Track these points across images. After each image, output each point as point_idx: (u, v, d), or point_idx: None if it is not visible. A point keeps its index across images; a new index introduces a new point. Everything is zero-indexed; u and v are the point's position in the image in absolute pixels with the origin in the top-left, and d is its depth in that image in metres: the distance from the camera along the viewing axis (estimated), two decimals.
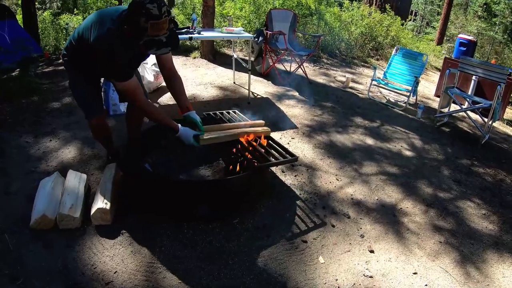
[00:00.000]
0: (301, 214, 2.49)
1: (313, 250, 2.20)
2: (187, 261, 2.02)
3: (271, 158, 2.40)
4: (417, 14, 18.25)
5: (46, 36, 5.83)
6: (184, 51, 6.04)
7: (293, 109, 4.22)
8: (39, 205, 2.14)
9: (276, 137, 3.16)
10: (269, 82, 5.09)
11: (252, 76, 4.79)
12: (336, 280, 2.01)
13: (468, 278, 2.14)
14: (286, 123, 3.84)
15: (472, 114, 4.53)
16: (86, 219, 2.21)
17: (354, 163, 3.22)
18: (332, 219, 2.48)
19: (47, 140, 3.10)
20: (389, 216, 2.59)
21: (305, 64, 5.74)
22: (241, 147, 2.50)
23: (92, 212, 2.16)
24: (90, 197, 2.38)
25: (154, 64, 4.12)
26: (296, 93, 4.76)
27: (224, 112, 2.98)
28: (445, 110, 4.58)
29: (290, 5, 6.87)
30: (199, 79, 4.91)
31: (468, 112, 4.28)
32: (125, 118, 2.71)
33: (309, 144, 3.45)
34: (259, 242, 2.20)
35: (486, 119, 4.01)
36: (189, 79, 4.85)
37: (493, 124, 4.46)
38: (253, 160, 2.37)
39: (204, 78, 4.97)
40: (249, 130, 2.58)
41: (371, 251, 2.25)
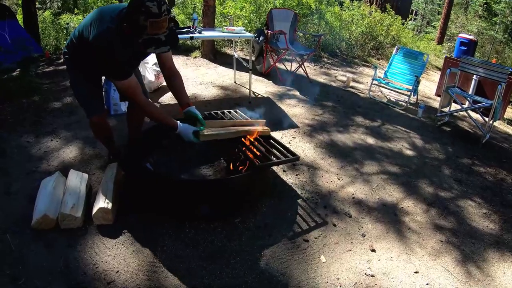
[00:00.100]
0: (303, 213, 2.49)
1: (315, 249, 2.20)
2: (189, 261, 2.02)
3: (273, 158, 2.40)
4: (418, 14, 18.24)
5: (47, 36, 5.83)
6: (185, 51, 6.04)
7: (294, 109, 4.22)
8: (41, 205, 2.15)
9: (277, 137, 3.17)
10: (270, 82, 5.09)
11: (253, 76, 4.79)
12: (338, 279, 2.01)
13: (469, 277, 2.14)
14: (287, 123, 3.84)
15: (473, 114, 4.53)
16: (88, 219, 2.21)
17: (355, 163, 3.22)
18: (334, 218, 2.48)
19: (48, 140, 3.10)
20: (390, 215, 2.60)
21: (306, 64, 5.74)
22: (243, 147, 2.50)
23: (94, 212, 2.16)
24: (92, 197, 2.38)
25: (155, 64, 4.12)
26: (297, 93, 4.76)
27: (226, 112, 2.98)
28: (446, 110, 4.57)
29: (291, 5, 6.87)
30: (200, 79, 4.91)
31: (469, 112, 4.28)
32: (126, 118, 2.71)
33: (310, 144, 3.45)
34: (261, 242, 2.20)
35: (487, 119, 4.01)
36: (190, 79, 4.85)
37: (494, 124, 4.45)
38: (255, 160, 2.37)
39: (205, 78, 4.97)
40: (250, 129, 2.58)
41: (373, 250, 2.25)
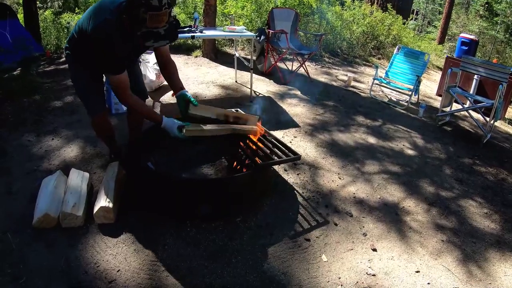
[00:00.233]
0: (304, 213, 2.49)
1: (316, 249, 2.20)
2: (190, 260, 2.02)
3: (274, 157, 2.40)
4: (419, 13, 18.23)
5: (48, 35, 5.82)
6: (186, 50, 6.04)
7: (295, 108, 4.22)
8: (42, 204, 2.15)
9: (279, 136, 3.17)
10: (271, 81, 5.09)
11: (254, 75, 4.79)
12: (339, 278, 2.01)
13: (470, 277, 2.14)
14: (288, 122, 3.84)
15: (474, 113, 4.53)
16: (89, 218, 2.21)
17: (357, 162, 3.22)
18: (335, 218, 2.48)
19: (49, 139, 3.10)
20: (392, 215, 2.59)
21: (307, 63, 5.74)
22: (244, 146, 2.49)
23: (95, 211, 2.16)
24: (93, 196, 2.38)
25: (156, 63, 4.12)
26: (298, 92, 4.75)
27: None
28: (447, 109, 4.57)
29: (292, 4, 6.86)
30: (201, 78, 4.90)
31: (470, 111, 4.28)
32: (126, 117, 2.71)
33: (311, 143, 3.45)
34: (262, 241, 2.20)
35: (488, 118, 4.01)
36: (191, 78, 4.85)
37: (495, 123, 4.45)
38: (256, 159, 2.37)
39: (206, 77, 4.97)
40: (240, 128, 2.50)
41: (374, 250, 2.25)
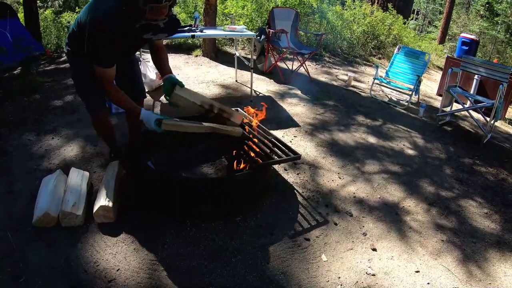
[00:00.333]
0: (304, 212, 2.49)
1: (316, 248, 2.20)
2: (190, 259, 2.02)
3: (274, 156, 2.39)
4: (419, 13, 18.23)
5: (48, 35, 5.82)
6: (186, 49, 6.04)
7: (295, 108, 4.22)
8: (42, 203, 2.15)
9: (279, 135, 3.16)
10: (271, 81, 5.09)
11: (254, 75, 4.79)
12: (339, 278, 2.01)
13: (470, 277, 2.14)
14: (288, 122, 3.84)
15: (474, 113, 4.52)
16: (89, 217, 2.21)
17: (357, 162, 3.22)
18: (335, 217, 2.48)
19: (49, 138, 3.10)
20: (392, 215, 2.59)
21: (307, 63, 5.74)
22: (244, 145, 2.49)
23: (95, 210, 2.16)
24: (93, 195, 2.38)
25: None
26: (298, 92, 4.75)
27: None
28: (447, 109, 4.57)
29: (292, 4, 6.85)
30: (201, 77, 4.90)
31: (470, 111, 4.27)
32: (126, 117, 2.71)
33: (312, 143, 3.45)
34: (262, 240, 2.20)
35: (488, 118, 4.01)
36: (191, 77, 4.85)
37: (495, 124, 4.44)
38: (256, 158, 2.37)
39: (206, 76, 4.97)
40: (220, 128, 2.42)
41: (374, 249, 2.25)
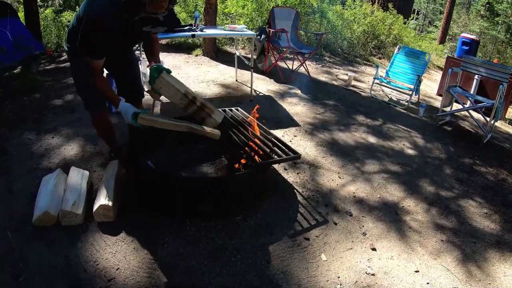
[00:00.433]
0: (304, 212, 2.49)
1: (316, 248, 2.20)
2: (190, 258, 2.02)
3: (274, 156, 2.39)
4: (420, 13, 18.22)
5: (48, 34, 5.83)
6: (186, 49, 6.05)
7: (296, 107, 4.22)
8: (42, 202, 2.15)
9: (279, 135, 3.16)
10: (271, 80, 5.09)
11: (254, 74, 4.79)
12: (338, 278, 2.01)
13: (470, 277, 2.14)
14: (288, 121, 3.84)
15: (474, 113, 4.52)
16: (89, 216, 2.21)
17: (357, 161, 3.22)
18: (335, 217, 2.48)
19: (50, 137, 3.10)
20: (391, 214, 2.59)
21: (308, 62, 5.73)
22: (244, 145, 2.49)
23: (95, 209, 2.16)
24: (93, 194, 2.38)
25: None
26: (298, 91, 4.75)
27: (227, 110, 2.98)
28: (447, 109, 4.57)
29: (293, 3, 6.85)
30: (202, 77, 4.90)
31: (470, 111, 4.27)
32: None
33: (312, 142, 3.45)
34: (262, 240, 2.20)
35: (488, 119, 4.01)
36: (191, 77, 4.85)
37: (495, 124, 4.44)
38: (256, 157, 2.37)
39: (207, 76, 4.97)
40: (198, 129, 2.31)
41: (373, 249, 2.25)
